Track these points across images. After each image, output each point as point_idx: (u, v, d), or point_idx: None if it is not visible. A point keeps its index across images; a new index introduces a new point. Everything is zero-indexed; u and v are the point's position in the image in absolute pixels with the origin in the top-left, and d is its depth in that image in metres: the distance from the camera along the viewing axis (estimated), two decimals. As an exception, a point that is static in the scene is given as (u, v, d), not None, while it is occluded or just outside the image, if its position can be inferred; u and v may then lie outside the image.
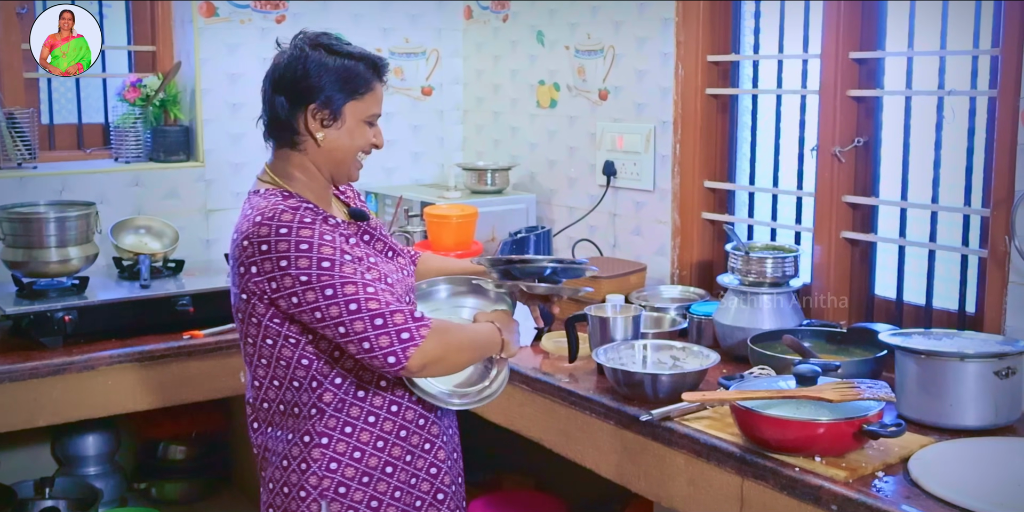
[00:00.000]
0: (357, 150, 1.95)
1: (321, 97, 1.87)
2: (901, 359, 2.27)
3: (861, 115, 2.76)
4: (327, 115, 1.89)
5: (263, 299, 1.84)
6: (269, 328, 1.87)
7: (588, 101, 3.49)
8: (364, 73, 1.91)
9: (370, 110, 1.94)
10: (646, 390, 2.39)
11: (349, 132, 1.92)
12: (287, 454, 1.92)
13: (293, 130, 1.91)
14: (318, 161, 1.93)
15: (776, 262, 2.69)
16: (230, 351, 2.97)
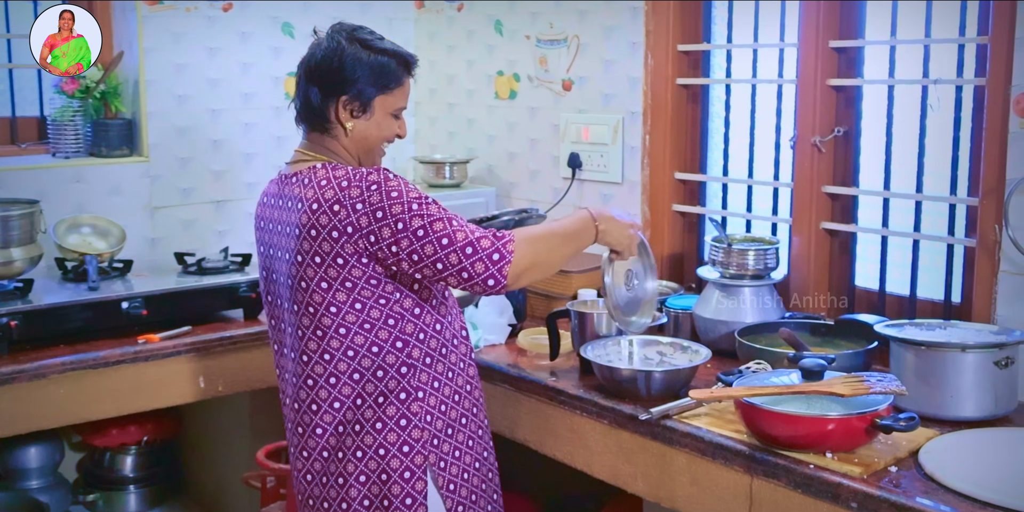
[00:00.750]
0: (383, 140, 2.08)
1: (353, 90, 2.00)
2: (898, 351, 2.24)
3: (841, 105, 2.73)
4: (357, 107, 2.02)
5: (361, 259, 1.92)
6: (363, 291, 1.95)
7: (551, 92, 3.41)
8: (396, 69, 2.03)
9: (398, 104, 2.07)
10: (639, 387, 2.32)
11: (377, 123, 2.05)
12: (380, 416, 1.98)
13: (324, 117, 2.02)
14: (349, 147, 2.05)
15: (758, 254, 2.65)
16: (188, 355, 2.83)
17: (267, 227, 2.10)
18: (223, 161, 3.55)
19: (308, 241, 1.95)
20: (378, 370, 2.00)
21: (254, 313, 3.07)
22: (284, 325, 2.08)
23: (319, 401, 2.02)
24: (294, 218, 1.98)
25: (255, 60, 3.57)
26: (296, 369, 2.05)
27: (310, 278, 1.96)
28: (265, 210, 2.12)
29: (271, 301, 2.13)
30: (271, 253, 2.09)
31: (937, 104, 2.51)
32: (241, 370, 2.92)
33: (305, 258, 1.96)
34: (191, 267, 3.15)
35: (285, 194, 2.03)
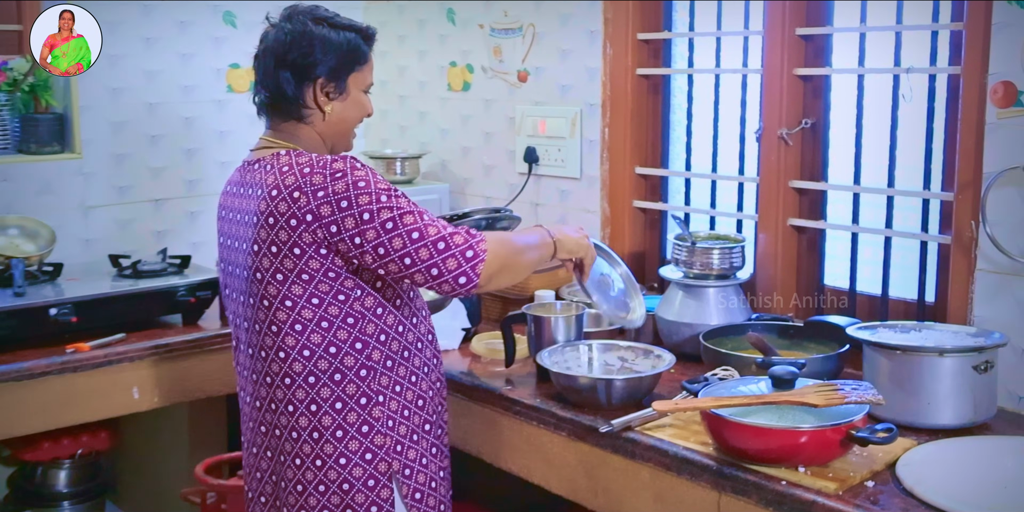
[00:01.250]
0: (358, 120, 2.03)
1: (328, 71, 1.93)
2: (871, 355, 2.12)
3: (808, 95, 2.61)
4: (334, 88, 1.95)
5: (319, 250, 1.83)
6: (321, 284, 1.86)
7: (506, 83, 3.26)
8: (362, 44, 1.99)
9: (368, 79, 2.03)
10: (599, 397, 2.19)
11: (353, 103, 2.00)
12: (340, 424, 1.89)
13: (301, 104, 1.94)
14: (324, 132, 1.98)
15: (723, 253, 2.53)
16: (120, 364, 2.67)
17: (227, 216, 2.01)
18: (162, 157, 3.38)
19: (265, 229, 1.85)
20: (335, 373, 1.90)
21: (193, 318, 2.92)
22: (240, 320, 1.99)
23: (276, 401, 1.93)
24: (253, 205, 1.89)
25: (195, 51, 3.40)
26: (254, 365, 1.96)
27: (265, 269, 1.87)
28: (227, 199, 2.03)
29: (228, 294, 2.04)
30: (230, 244, 2.00)
31: (910, 94, 2.39)
32: (178, 380, 2.76)
33: (262, 247, 1.86)
34: (126, 270, 2.98)
35: (246, 181, 1.95)
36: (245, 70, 3.49)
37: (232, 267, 1.99)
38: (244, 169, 1.99)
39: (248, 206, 1.91)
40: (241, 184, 1.97)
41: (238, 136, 3.48)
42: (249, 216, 1.90)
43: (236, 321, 2.02)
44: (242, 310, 1.97)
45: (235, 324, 2.03)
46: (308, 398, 1.90)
